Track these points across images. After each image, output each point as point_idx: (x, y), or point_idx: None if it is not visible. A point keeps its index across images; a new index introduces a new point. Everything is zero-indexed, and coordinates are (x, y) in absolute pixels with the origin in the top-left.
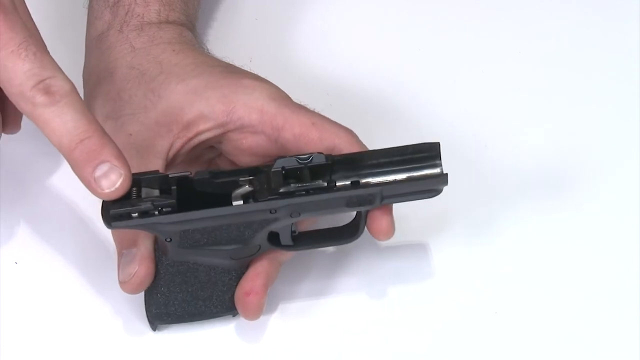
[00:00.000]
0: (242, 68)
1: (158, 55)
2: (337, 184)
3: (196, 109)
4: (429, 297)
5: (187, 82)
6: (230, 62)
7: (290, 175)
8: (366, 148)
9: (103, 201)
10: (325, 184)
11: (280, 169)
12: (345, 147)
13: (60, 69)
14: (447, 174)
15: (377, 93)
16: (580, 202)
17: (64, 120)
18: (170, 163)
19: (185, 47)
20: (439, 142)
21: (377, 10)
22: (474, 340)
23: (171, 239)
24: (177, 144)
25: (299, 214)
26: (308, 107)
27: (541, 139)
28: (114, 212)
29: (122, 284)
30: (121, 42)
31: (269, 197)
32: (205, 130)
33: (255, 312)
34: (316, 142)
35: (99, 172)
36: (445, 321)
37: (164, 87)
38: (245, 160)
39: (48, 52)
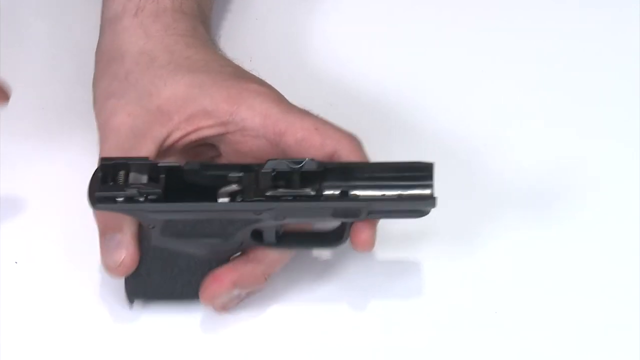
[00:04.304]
0: (252, 73)
1: (170, 45)
2: (326, 192)
3: (200, 103)
4: (428, 299)
5: (195, 76)
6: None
7: (279, 178)
8: (367, 156)
9: (90, 182)
10: (313, 193)
11: (270, 170)
12: (346, 154)
13: None
14: (436, 197)
15: (377, 92)
16: (580, 205)
17: None
18: (163, 153)
19: (198, 43)
20: (433, 163)
21: (377, 10)
22: (474, 340)
23: (154, 226)
24: (176, 135)
25: (284, 218)
26: (312, 112)
27: (542, 141)
28: (100, 194)
29: (109, 269)
30: (135, 27)
31: (255, 199)
32: (206, 126)
33: (209, 299)
34: (318, 147)
35: None
36: (444, 323)
37: (171, 76)
38: (244, 161)
39: None
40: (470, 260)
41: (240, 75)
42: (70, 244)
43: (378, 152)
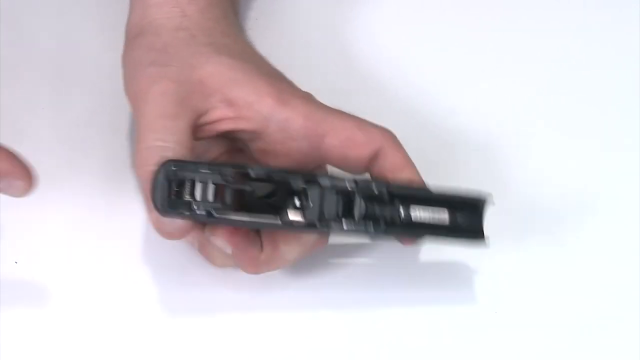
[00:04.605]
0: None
1: (208, 29)
2: (389, 220)
3: (242, 90)
4: (427, 298)
5: (237, 61)
6: None
7: (343, 199)
8: (404, 149)
9: (156, 195)
10: (380, 229)
11: (335, 192)
12: (391, 151)
13: None
14: (488, 237)
15: (380, 93)
16: (582, 208)
17: None
18: (195, 131)
19: (232, 32)
20: (486, 199)
21: (378, 10)
22: (474, 340)
23: None
24: (213, 115)
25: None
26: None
27: (553, 149)
28: (169, 209)
29: (167, 235)
30: (170, 4)
31: (320, 224)
32: (247, 117)
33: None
34: (364, 144)
35: None
36: (443, 322)
37: (213, 56)
38: (278, 162)
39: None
40: (471, 260)
41: (278, 75)
42: (71, 243)
43: None
